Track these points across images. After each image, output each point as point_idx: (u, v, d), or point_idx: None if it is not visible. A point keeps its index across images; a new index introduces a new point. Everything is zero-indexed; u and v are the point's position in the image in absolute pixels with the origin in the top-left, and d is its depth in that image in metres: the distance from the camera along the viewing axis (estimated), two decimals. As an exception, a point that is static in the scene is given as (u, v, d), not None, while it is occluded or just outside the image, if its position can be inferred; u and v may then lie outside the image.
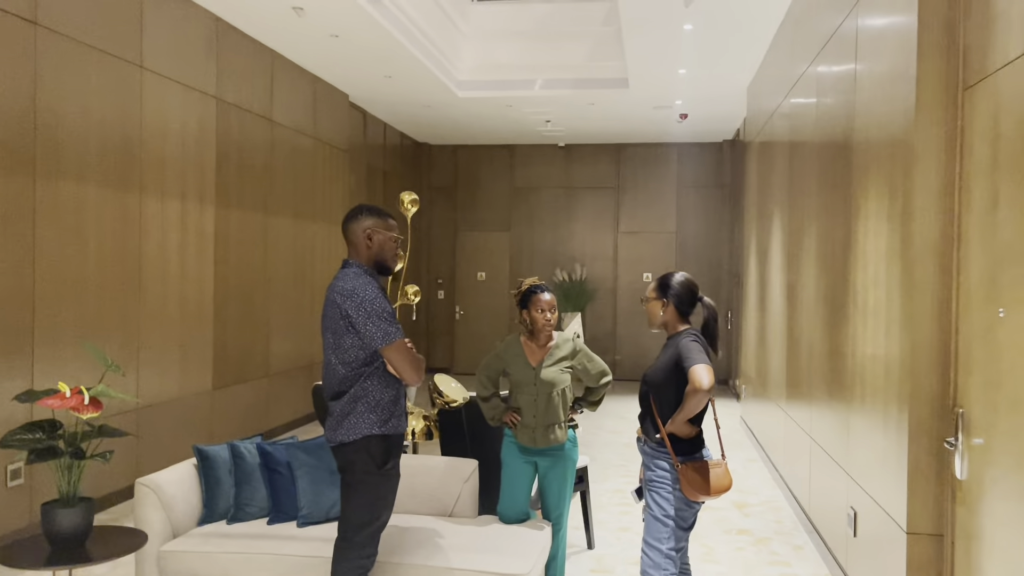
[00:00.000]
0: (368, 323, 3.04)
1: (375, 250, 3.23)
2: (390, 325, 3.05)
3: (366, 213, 3.27)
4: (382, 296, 3.11)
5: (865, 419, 3.89)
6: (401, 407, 3.23)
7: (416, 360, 3.12)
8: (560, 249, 12.76)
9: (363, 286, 3.09)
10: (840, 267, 4.46)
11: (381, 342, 3.04)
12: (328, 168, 9.20)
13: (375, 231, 3.23)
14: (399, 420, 3.20)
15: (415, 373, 3.11)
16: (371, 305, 3.05)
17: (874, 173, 3.84)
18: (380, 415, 3.13)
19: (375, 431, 3.11)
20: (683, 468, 3.18)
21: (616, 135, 12.07)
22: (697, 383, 3.00)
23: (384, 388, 3.14)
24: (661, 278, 3.40)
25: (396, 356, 3.07)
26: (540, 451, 3.96)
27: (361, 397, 3.12)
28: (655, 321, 3.40)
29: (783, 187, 6.55)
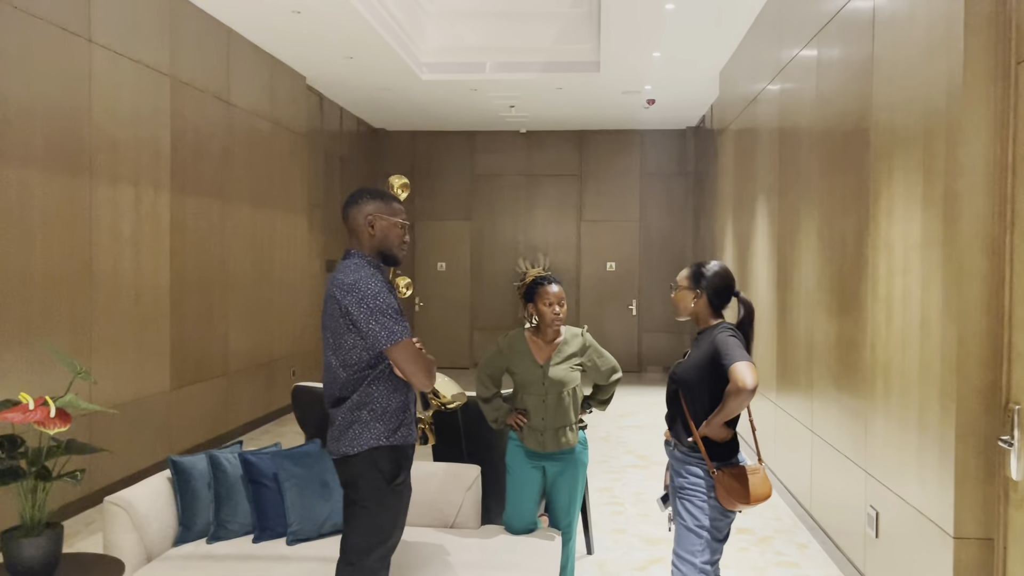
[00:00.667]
0: (371, 321, 2.70)
1: (378, 238, 2.89)
2: (396, 323, 2.71)
3: (367, 197, 2.92)
4: (387, 290, 2.77)
5: (892, 415, 3.70)
6: (411, 414, 2.89)
7: (426, 362, 2.78)
8: (522, 238, 12.48)
9: (365, 279, 2.75)
10: (853, 255, 4.26)
11: (386, 342, 2.70)
12: (286, 153, 8.74)
13: (378, 217, 2.88)
14: (409, 429, 2.87)
15: (426, 376, 2.77)
16: (374, 300, 2.70)
17: (901, 156, 3.63)
18: (388, 424, 2.79)
19: (383, 442, 2.78)
20: (719, 475, 2.93)
21: (579, 122, 11.81)
22: (740, 382, 2.74)
23: (391, 393, 2.81)
24: (696, 266, 3.13)
25: (403, 357, 2.72)
26: (549, 455, 3.68)
27: (365, 404, 2.78)
28: (683, 311, 3.13)
29: (769, 174, 6.37)
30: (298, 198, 9.07)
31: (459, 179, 12.49)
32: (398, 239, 2.92)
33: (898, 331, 3.64)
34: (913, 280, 3.47)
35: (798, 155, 5.45)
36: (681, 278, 3.14)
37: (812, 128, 5.12)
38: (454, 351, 12.29)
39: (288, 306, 8.85)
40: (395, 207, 2.94)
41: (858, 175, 4.21)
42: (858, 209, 4.20)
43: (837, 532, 4.56)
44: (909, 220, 3.53)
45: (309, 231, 9.49)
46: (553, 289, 3.66)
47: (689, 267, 3.16)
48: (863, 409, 4.09)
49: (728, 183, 8.43)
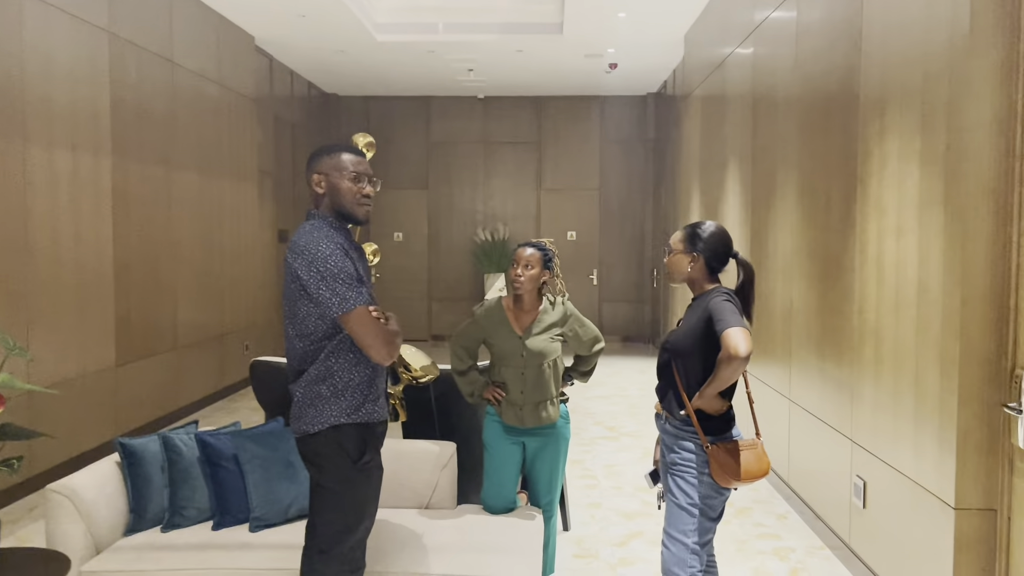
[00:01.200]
0: (321, 286, 2.47)
1: (330, 196, 2.65)
2: (348, 288, 2.48)
3: (316, 156, 2.69)
4: (341, 252, 2.51)
5: (882, 383, 3.57)
6: (378, 389, 2.66)
7: (383, 333, 2.52)
8: (481, 208, 12.20)
9: (317, 241, 2.51)
10: (838, 218, 4.11)
11: (338, 309, 2.47)
12: (235, 118, 8.31)
13: (327, 175, 2.64)
14: (375, 405, 2.64)
15: (384, 347, 2.51)
16: (325, 264, 2.47)
17: (895, 114, 3.48)
18: (350, 400, 2.57)
19: (344, 419, 2.56)
20: (713, 450, 2.75)
21: (538, 87, 11.53)
22: (732, 349, 2.56)
23: (353, 367, 2.58)
24: (691, 227, 2.93)
25: (358, 327, 2.48)
26: (529, 431, 3.47)
27: (325, 378, 2.56)
28: (678, 276, 2.93)
29: (741, 138, 6.21)
30: (248, 165, 8.66)
31: (415, 146, 12.14)
32: (352, 195, 2.64)
33: (891, 295, 3.50)
34: (909, 242, 3.33)
35: (774, 118, 5.29)
36: (675, 241, 2.94)
37: (790, 90, 4.95)
38: (412, 323, 12.02)
39: (239, 278, 8.48)
40: (344, 159, 2.66)
41: (844, 136, 4.05)
42: (844, 171, 4.05)
43: (818, 502, 4.46)
44: (904, 180, 3.38)
45: (260, 200, 9.09)
46: (526, 251, 3.45)
47: (683, 229, 2.95)
48: (848, 377, 3.97)
49: (693, 149, 8.27)
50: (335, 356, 2.56)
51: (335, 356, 2.56)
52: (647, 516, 4.72)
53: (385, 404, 2.71)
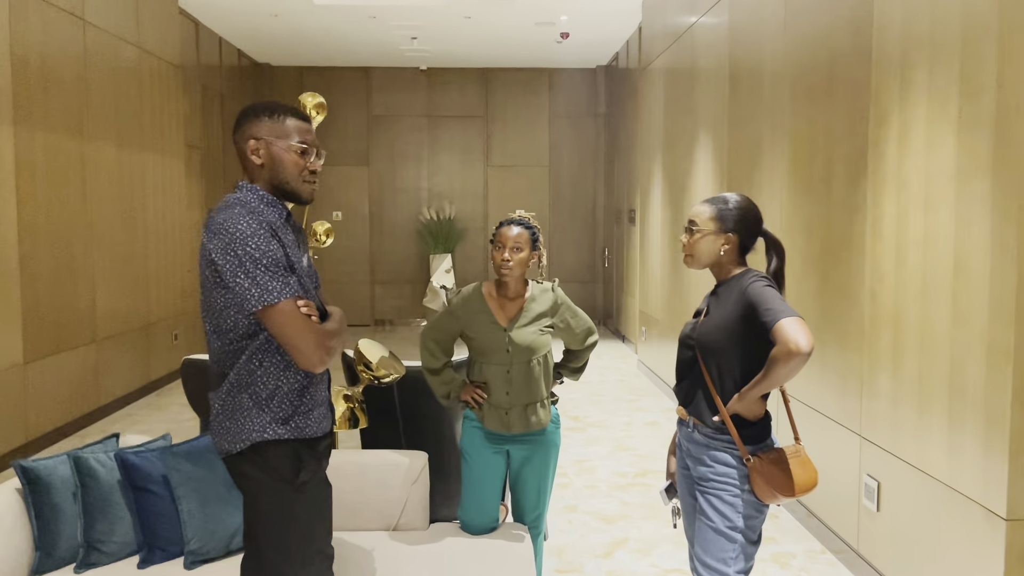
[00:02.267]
0: (239, 273, 1.98)
1: (268, 169, 2.13)
2: (272, 277, 1.99)
3: (252, 115, 2.14)
4: (265, 233, 2.01)
5: (904, 374, 3.20)
6: (313, 399, 2.15)
7: (314, 333, 2.02)
8: (426, 185, 11.62)
9: (237, 218, 2.00)
10: (844, 190, 3.73)
11: (256, 303, 1.98)
12: (158, 87, 7.56)
13: (265, 140, 2.12)
14: (308, 418, 2.13)
15: (313, 351, 2.02)
16: (245, 245, 1.97)
17: (923, 71, 3.08)
18: (275, 411, 2.08)
19: (269, 435, 2.06)
20: (755, 462, 2.32)
21: (484, 59, 10.98)
22: (793, 344, 2.12)
23: (281, 372, 2.08)
24: (718, 201, 2.47)
25: (280, 325, 1.99)
26: (514, 437, 3.00)
27: (246, 385, 2.07)
28: (705, 260, 2.47)
29: (715, 108, 5.80)
30: (173, 139, 7.92)
31: (354, 120, 11.46)
32: (296, 169, 2.13)
33: (914, 277, 3.13)
34: (942, 217, 2.95)
35: (759, 85, 4.89)
36: (703, 219, 2.46)
37: (778, 54, 4.55)
38: (354, 308, 11.41)
39: (166, 261, 7.76)
40: (289, 125, 2.14)
41: (851, 99, 3.66)
42: (851, 139, 3.65)
43: (816, 502, 4.11)
44: (936, 146, 2.99)
45: (186, 176, 8.36)
46: (511, 231, 2.96)
47: (709, 203, 2.48)
48: (857, 367, 3.60)
49: (655, 122, 7.85)
50: (258, 359, 2.06)
51: (258, 359, 2.06)
52: (627, 519, 4.31)
53: (327, 415, 2.22)
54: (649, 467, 5.17)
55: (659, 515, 4.36)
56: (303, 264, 2.15)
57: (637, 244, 8.80)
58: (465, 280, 11.57)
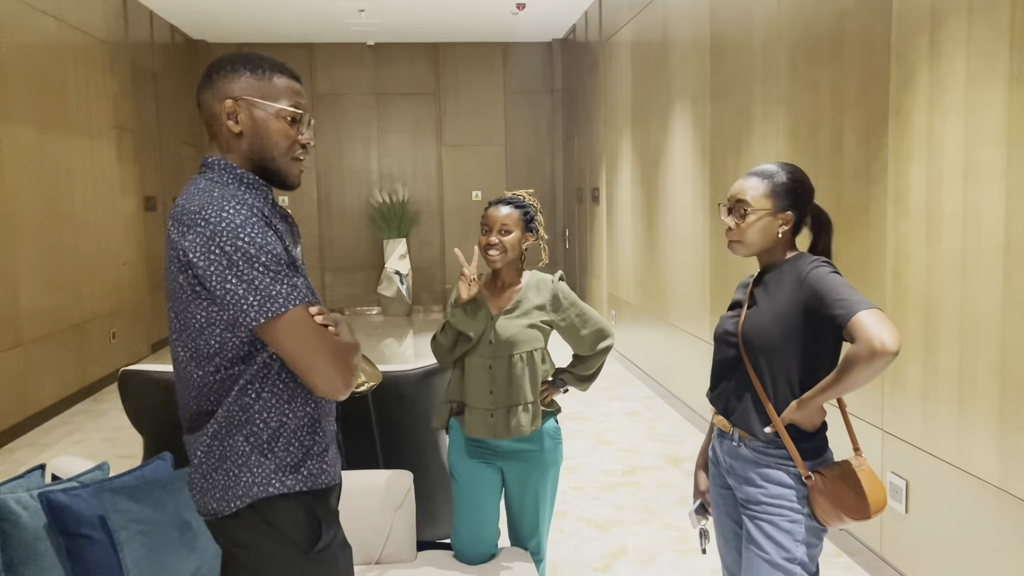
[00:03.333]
0: (229, 276, 1.49)
1: (249, 138, 1.63)
2: (276, 279, 1.50)
3: (228, 68, 1.63)
4: (259, 221, 1.53)
5: (939, 364, 2.89)
6: (326, 435, 1.69)
7: (335, 348, 1.55)
8: (376, 167, 11.08)
9: (220, 204, 1.51)
10: (858, 160, 3.40)
11: (258, 313, 1.49)
12: (82, 63, 6.91)
13: (247, 102, 1.62)
14: (323, 461, 1.66)
15: (336, 372, 1.54)
16: (234, 239, 1.49)
17: (958, 22, 2.75)
18: (282, 456, 1.60)
19: (276, 488, 1.60)
20: (817, 480, 1.97)
21: (434, 33, 10.46)
22: (878, 342, 1.76)
23: (286, 404, 1.60)
24: (767, 174, 2.08)
25: (293, 340, 1.51)
26: (505, 452, 2.61)
27: (241, 425, 1.59)
28: (760, 244, 2.07)
29: (693, 82, 5.44)
30: (101, 120, 7.28)
31: (298, 100, 10.84)
32: (285, 141, 1.64)
33: (952, 255, 2.81)
34: (988, 188, 2.62)
35: (747, 52, 4.53)
36: (756, 196, 2.05)
37: (771, 16, 4.20)
38: (303, 297, 10.85)
39: (98, 254, 7.14)
40: (278, 84, 1.65)
41: (865, 61, 3.32)
42: (867, 103, 3.32)
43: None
44: (979, 107, 2.66)
45: (118, 161, 7.71)
46: (500, 211, 2.58)
47: (758, 177, 2.08)
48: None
49: (621, 97, 7.47)
50: (255, 389, 1.58)
51: (255, 389, 1.58)
52: (622, 525, 3.96)
53: (338, 456, 1.76)
54: (636, 463, 4.84)
55: (656, 519, 4.02)
56: (300, 259, 1.68)
57: (603, 224, 8.45)
58: (421, 265, 11.10)
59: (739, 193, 2.08)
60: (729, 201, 2.12)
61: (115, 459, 5.13)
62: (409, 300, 10.78)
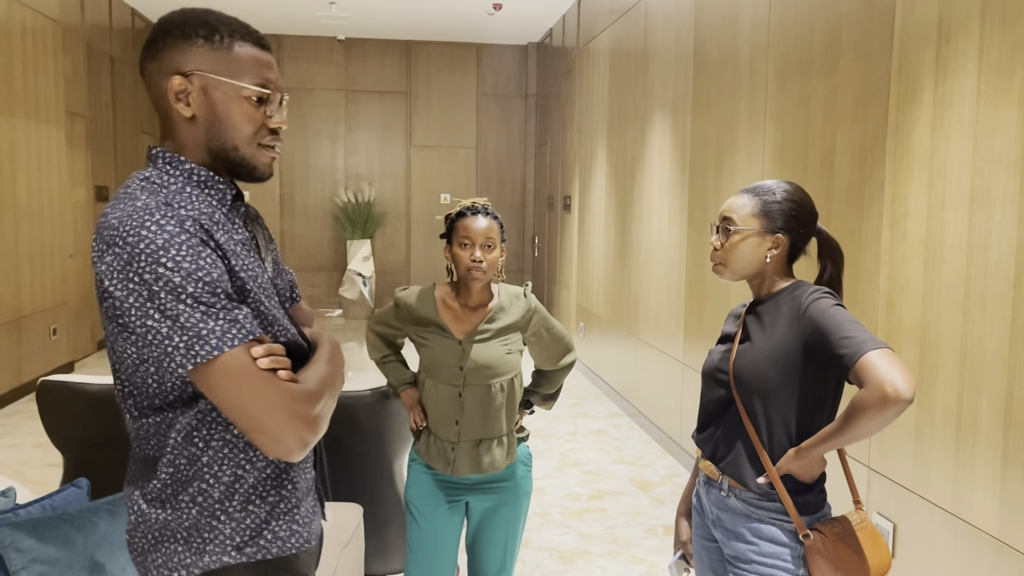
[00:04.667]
0: (151, 312, 1.19)
1: (204, 125, 1.33)
2: (207, 315, 1.20)
3: (178, 34, 1.31)
4: (192, 240, 1.22)
5: (937, 402, 2.70)
6: (299, 486, 1.40)
7: (286, 398, 1.23)
8: (342, 165, 10.76)
9: (142, 217, 1.21)
10: (850, 181, 3.20)
11: (184, 358, 1.19)
12: (31, 44, 6.52)
13: (201, 79, 1.32)
14: (293, 520, 1.37)
15: (287, 429, 1.22)
16: (156, 264, 1.19)
17: (968, 37, 2.56)
18: (239, 517, 1.32)
19: (230, 557, 1.31)
20: (816, 539, 1.74)
21: (408, 30, 10.19)
22: (890, 388, 1.54)
23: (240, 452, 1.31)
24: (761, 191, 1.85)
25: (226, 391, 1.21)
26: (473, 485, 2.36)
27: (188, 480, 1.30)
28: (744, 268, 1.86)
29: (674, 91, 5.24)
30: (51, 105, 6.89)
31: (264, 93, 10.48)
32: (251, 126, 1.35)
33: (954, 286, 2.62)
34: (998, 214, 2.43)
35: (733, 61, 4.34)
36: (743, 215, 1.83)
37: (760, 25, 4.00)
38: (261, 297, 10.48)
39: (42, 244, 6.75)
40: (241, 54, 1.34)
41: (863, 75, 3.13)
42: (862, 120, 3.13)
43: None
44: (989, 128, 2.47)
45: (69, 148, 7.32)
46: (480, 223, 2.30)
47: (750, 195, 1.85)
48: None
49: (598, 104, 7.27)
50: (202, 436, 1.30)
51: (202, 436, 1.30)
52: (587, 557, 3.73)
53: (317, 508, 1.47)
54: (603, 487, 4.61)
55: (623, 550, 3.79)
56: (262, 276, 1.36)
57: (574, 233, 8.23)
58: (385, 268, 10.80)
59: (727, 210, 1.86)
60: (718, 219, 1.90)
61: (44, 467, 4.78)
62: (372, 303, 10.47)
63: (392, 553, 2.86)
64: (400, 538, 2.85)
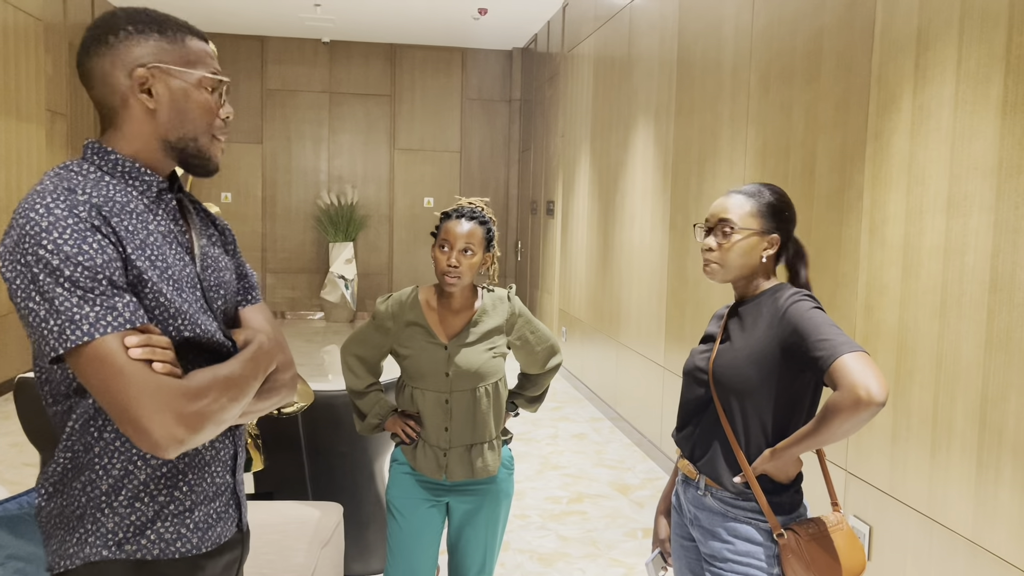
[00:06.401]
0: (32, 293, 1.20)
1: (165, 116, 1.34)
2: (84, 300, 1.19)
3: (133, 30, 1.32)
4: (80, 224, 1.21)
5: (913, 405, 2.73)
6: (198, 489, 1.37)
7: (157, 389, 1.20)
8: (325, 167, 10.73)
9: (33, 199, 1.22)
10: (830, 187, 3.24)
11: (57, 342, 1.19)
12: (14, 41, 6.47)
13: (163, 71, 1.33)
14: (182, 523, 1.35)
15: (156, 421, 1.19)
16: (37, 247, 1.19)
17: (947, 47, 2.60)
18: (124, 513, 1.31)
19: (109, 551, 1.31)
20: (790, 538, 1.76)
21: (392, 33, 10.19)
22: (863, 390, 1.56)
23: (132, 448, 1.30)
24: (753, 192, 1.87)
25: (96, 378, 1.19)
26: (455, 486, 2.37)
27: (80, 468, 1.31)
28: (739, 269, 1.86)
29: (657, 97, 5.28)
30: (31, 103, 6.83)
31: (248, 93, 10.45)
32: (208, 116, 1.38)
33: (931, 291, 2.65)
34: (975, 220, 2.47)
35: (716, 69, 4.38)
36: (742, 215, 1.84)
37: (743, 33, 4.05)
38: (242, 299, 10.42)
39: (20, 244, 6.67)
40: (193, 48, 1.38)
41: (843, 83, 3.17)
42: (843, 127, 3.17)
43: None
44: (967, 136, 2.51)
45: (49, 147, 7.27)
46: (462, 227, 2.29)
47: (744, 195, 1.87)
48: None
49: (581, 110, 7.30)
50: (96, 426, 1.29)
51: (96, 426, 1.29)
52: (567, 559, 3.74)
53: (226, 514, 1.43)
54: (583, 491, 4.62)
55: (603, 553, 3.80)
56: (178, 268, 1.33)
57: (557, 238, 8.25)
58: (367, 271, 10.77)
59: (721, 212, 1.88)
60: (709, 221, 1.92)
61: (20, 467, 4.73)
62: (354, 306, 10.45)
63: (372, 553, 2.85)
64: (381, 538, 2.85)
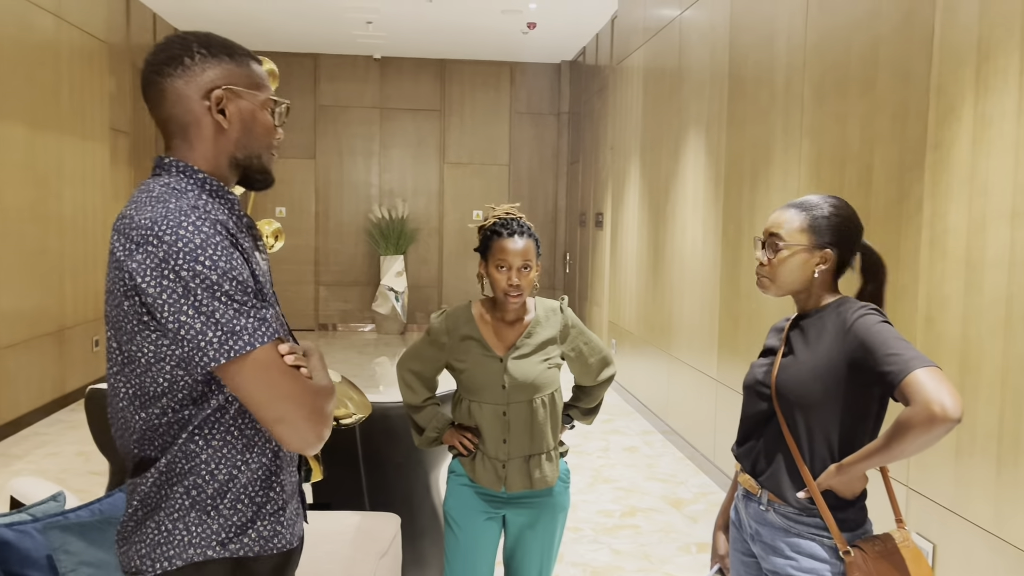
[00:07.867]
0: (186, 308, 1.25)
1: (236, 134, 1.42)
2: (240, 312, 1.27)
3: (207, 53, 1.39)
4: (225, 242, 1.30)
5: (979, 420, 2.67)
6: (284, 491, 1.45)
7: (309, 394, 1.31)
8: (376, 181, 10.88)
9: (178, 218, 1.28)
10: (889, 198, 3.20)
11: (218, 353, 1.26)
12: (79, 63, 6.71)
13: (235, 93, 1.41)
14: (277, 522, 1.43)
15: (309, 424, 1.30)
16: (194, 263, 1.25)
17: (1011, 58, 2.55)
18: (228, 514, 1.38)
19: (214, 551, 1.37)
20: (857, 555, 1.74)
21: (442, 49, 10.31)
22: (938, 406, 1.54)
23: (238, 453, 1.38)
24: (808, 206, 1.86)
25: (258, 386, 1.28)
26: (513, 499, 2.38)
27: (182, 475, 1.36)
28: (791, 284, 1.86)
29: (709, 109, 5.26)
30: (96, 122, 7.07)
31: (301, 110, 10.66)
32: (270, 136, 1.46)
33: (995, 305, 2.60)
34: (1040, 233, 2.42)
35: (769, 80, 4.35)
36: (791, 230, 1.83)
37: (796, 45, 4.02)
38: (297, 310, 10.62)
39: (85, 257, 6.91)
40: (256, 70, 1.46)
41: (901, 93, 3.12)
42: (901, 138, 3.12)
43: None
44: (1031, 146, 2.46)
45: (112, 164, 7.51)
46: (517, 244, 2.31)
47: (796, 209, 1.86)
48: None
49: (631, 122, 7.30)
50: (203, 436, 1.36)
51: (203, 436, 1.36)
52: (620, 572, 3.72)
53: (297, 512, 1.51)
54: (636, 504, 4.59)
55: (656, 567, 3.78)
56: (267, 280, 1.47)
57: (607, 250, 8.24)
58: (418, 283, 10.88)
59: (773, 226, 1.87)
60: (763, 235, 1.91)
61: (87, 475, 4.88)
62: (404, 318, 10.56)
63: (428, 564, 2.88)
64: (436, 549, 2.88)
